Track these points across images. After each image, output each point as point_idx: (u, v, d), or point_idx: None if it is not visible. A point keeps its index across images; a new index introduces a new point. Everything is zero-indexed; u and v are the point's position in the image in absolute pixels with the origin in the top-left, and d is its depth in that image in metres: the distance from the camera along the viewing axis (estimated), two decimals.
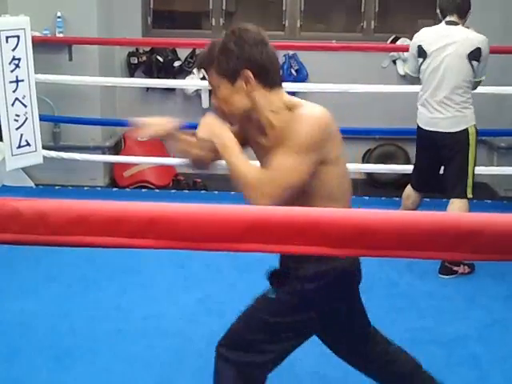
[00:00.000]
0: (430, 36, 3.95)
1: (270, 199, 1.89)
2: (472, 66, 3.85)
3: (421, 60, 3.98)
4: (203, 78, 5.70)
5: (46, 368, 3.00)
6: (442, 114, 3.89)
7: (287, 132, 1.94)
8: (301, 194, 1.97)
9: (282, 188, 1.92)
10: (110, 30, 5.74)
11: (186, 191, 5.53)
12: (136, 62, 5.82)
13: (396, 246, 0.85)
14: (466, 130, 3.88)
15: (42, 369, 2.99)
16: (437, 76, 3.89)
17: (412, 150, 5.25)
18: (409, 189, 4.20)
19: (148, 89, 5.85)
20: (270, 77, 2.03)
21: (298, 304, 2.10)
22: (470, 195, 3.90)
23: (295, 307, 2.11)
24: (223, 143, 1.98)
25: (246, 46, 1.99)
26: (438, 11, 4.07)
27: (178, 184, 5.72)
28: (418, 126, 4.04)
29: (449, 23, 3.92)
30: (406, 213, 0.90)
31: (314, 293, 2.09)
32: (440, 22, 4.00)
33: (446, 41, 3.87)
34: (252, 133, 2.12)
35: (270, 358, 2.15)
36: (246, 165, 1.95)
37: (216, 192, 5.30)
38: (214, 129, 2.00)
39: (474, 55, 3.83)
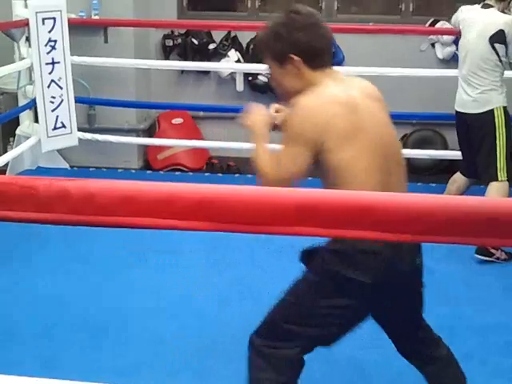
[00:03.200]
0: (465, 16, 4.02)
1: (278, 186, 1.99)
2: (495, 48, 3.84)
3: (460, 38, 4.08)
4: (238, 61, 5.67)
5: (80, 345, 3.03)
6: (468, 95, 3.92)
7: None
8: (322, 180, 2.06)
9: (283, 176, 2.02)
10: (146, 12, 5.72)
11: (220, 174, 5.52)
12: (171, 44, 5.81)
13: (452, 232, 0.82)
14: (491, 112, 3.86)
15: (75, 346, 3.02)
16: (463, 57, 3.96)
17: (450, 135, 5.17)
18: (457, 174, 4.19)
19: (183, 71, 5.83)
20: (318, 59, 2.11)
21: (328, 286, 2.06)
22: (502, 178, 3.85)
23: (326, 289, 2.06)
24: (256, 134, 2.15)
25: (293, 30, 2.08)
26: None
27: (211, 167, 5.71)
28: (455, 110, 4.07)
29: (484, 6, 3.96)
30: (463, 198, 0.87)
31: (338, 272, 2.02)
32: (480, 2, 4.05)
33: (475, 23, 3.91)
34: None
35: (302, 344, 2.10)
36: (264, 155, 2.10)
37: (249, 175, 5.27)
38: (255, 121, 2.17)
39: (498, 37, 3.83)
